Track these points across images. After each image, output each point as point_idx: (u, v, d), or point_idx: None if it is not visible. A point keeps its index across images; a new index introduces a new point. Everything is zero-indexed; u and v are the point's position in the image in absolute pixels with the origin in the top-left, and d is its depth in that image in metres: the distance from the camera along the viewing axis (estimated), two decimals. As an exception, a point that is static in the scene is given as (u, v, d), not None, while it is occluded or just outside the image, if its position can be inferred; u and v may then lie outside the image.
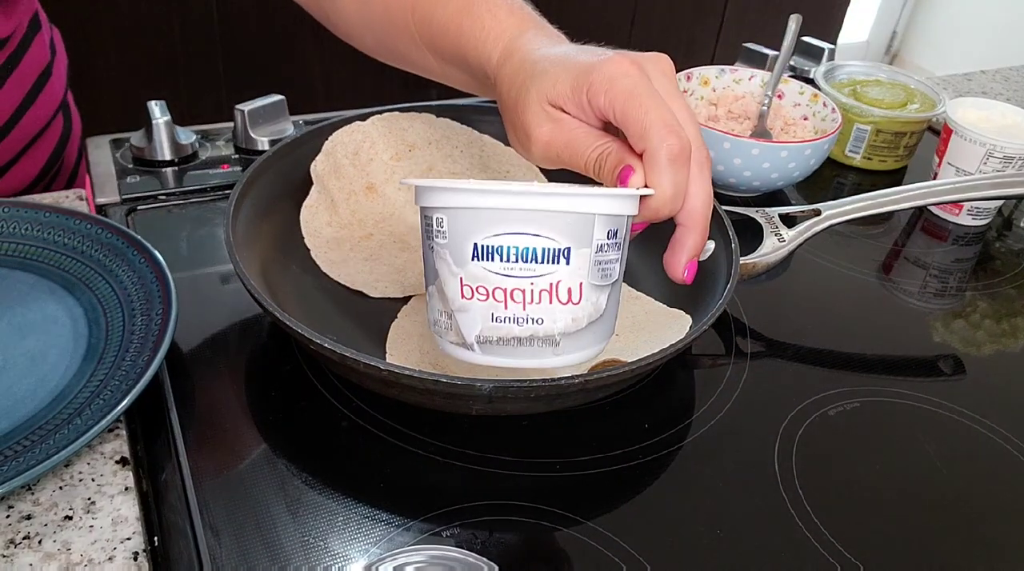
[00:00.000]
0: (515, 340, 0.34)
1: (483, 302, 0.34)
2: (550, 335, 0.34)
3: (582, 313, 0.35)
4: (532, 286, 0.33)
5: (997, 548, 0.43)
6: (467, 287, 0.34)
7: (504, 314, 0.34)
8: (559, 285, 0.34)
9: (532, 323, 0.34)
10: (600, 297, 0.35)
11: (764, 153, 0.64)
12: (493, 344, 0.35)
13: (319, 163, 0.57)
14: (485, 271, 0.33)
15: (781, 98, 0.75)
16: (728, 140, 0.64)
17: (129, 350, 0.46)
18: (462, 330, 0.35)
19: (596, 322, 0.35)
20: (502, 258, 0.33)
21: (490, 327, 0.34)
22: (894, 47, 2.86)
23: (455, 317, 0.35)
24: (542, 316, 0.34)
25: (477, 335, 0.35)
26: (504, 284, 0.33)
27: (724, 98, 0.75)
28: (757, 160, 0.65)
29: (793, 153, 0.65)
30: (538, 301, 0.34)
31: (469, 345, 0.35)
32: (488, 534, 0.41)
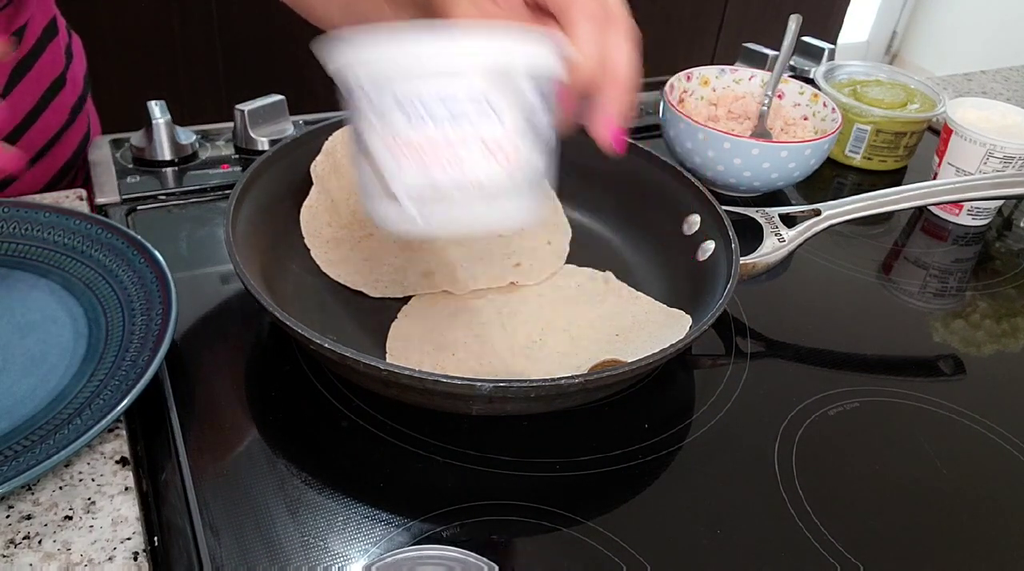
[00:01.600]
0: (449, 197, 0.33)
1: (411, 159, 0.32)
2: (483, 189, 0.33)
3: (515, 169, 0.33)
4: (461, 141, 0.32)
5: (997, 548, 0.44)
6: (394, 143, 0.32)
7: (433, 169, 0.32)
8: (486, 137, 0.32)
9: (462, 178, 0.33)
10: (533, 154, 0.34)
11: (764, 153, 0.65)
12: (426, 203, 0.33)
13: (319, 163, 0.57)
14: (408, 126, 0.31)
15: (781, 98, 0.75)
16: (728, 140, 0.64)
17: (129, 350, 0.46)
18: (393, 189, 0.33)
19: (528, 181, 0.35)
20: (425, 108, 0.31)
21: (421, 184, 0.33)
22: (894, 47, 2.86)
23: (385, 177, 0.33)
24: (473, 171, 0.33)
25: (409, 192, 0.33)
26: (430, 134, 0.32)
27: (724, 98, 0.75)
28: (757, 160, 0.65)
29: (793, 153, 0.65)
30: (466, 157, 0.32)
31: (401, 201, 0.33)
32: (488, 534, 0.41)
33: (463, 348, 0.50)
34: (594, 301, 0.55)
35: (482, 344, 0.50)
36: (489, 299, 0.55)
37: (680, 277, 0.56)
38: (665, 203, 0.59)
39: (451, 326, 0.52)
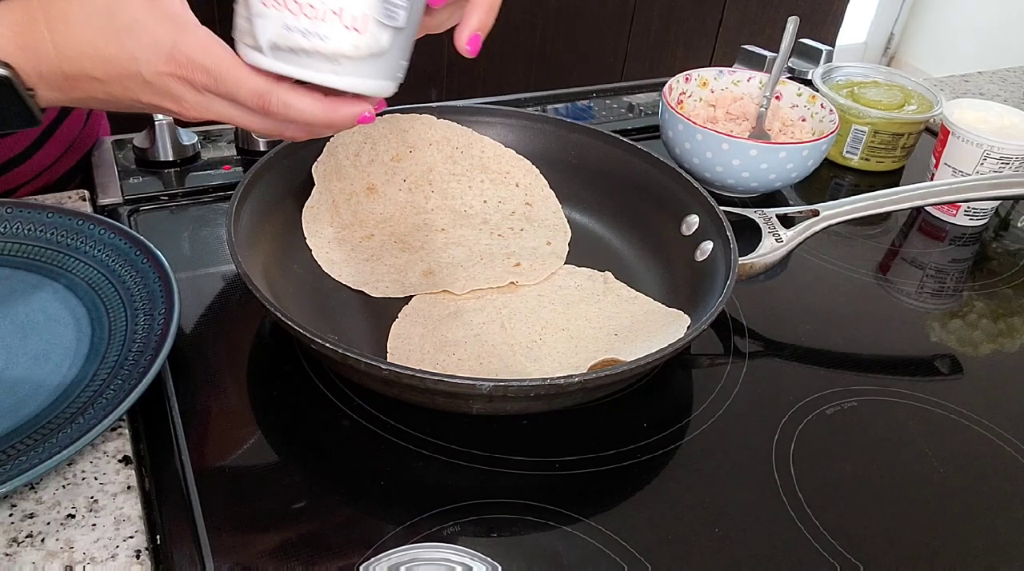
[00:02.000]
0: (302, 51, 0.38)
1: (277, 11, 0.37)
2: (332, 54, 0.38)
3: (362, 42, 0.38)
4: (322, 4, 0.37)
5: (996, 547, 0.44)
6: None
7: (294, 24, 0.38)
8: (344, 10, 0.37)
9: (316, 38, 0.38)
10: (382, 34, 0.39)
11: (762, 154, 0.65)
12: (282, 51, 0.38)
13: (320, 164, 0.58)
14: None
15: (779, 99, 0.76)
16: (726, 141, 0.65)
17: (132, 350, 0.46)
18: (256, 34, 0.38)
19: (378, 57, 0.39)
20: None
21: (282, 35, 0.38)
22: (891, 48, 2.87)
23: (253, 21, 0.38)
24: (326, 34, 0.38)
25: (269, 40, 0.38)
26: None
27: (723, 99, 0.76)
28: (755, 161, 0.65)
29: (791, 154, 0.65)
30: (323, 19, 0.37)
31: (262, 49, 0.38)
32: (488, 532, 0.41)
33: (463, 348, 0.50)
34: (593, 301, 0.55)
35: (482, 344, 0.51)
36: (489, 299, 0.55)
37: (679, 277, 0.56)
38: (664, 204, 0.59)
39: (451, 326, 0.52)
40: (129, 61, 0.40)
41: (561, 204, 0.63)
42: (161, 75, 0.40)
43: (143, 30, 0.39)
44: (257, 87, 0.40)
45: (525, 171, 0.63)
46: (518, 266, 0.57)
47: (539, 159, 0.63)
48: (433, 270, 0.56)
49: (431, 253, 0.58)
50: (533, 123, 0.64)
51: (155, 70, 0.39)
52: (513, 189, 0.63)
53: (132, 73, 0.40)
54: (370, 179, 0.60)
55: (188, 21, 0.40)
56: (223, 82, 0.39)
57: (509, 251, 0.58)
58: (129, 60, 0.40)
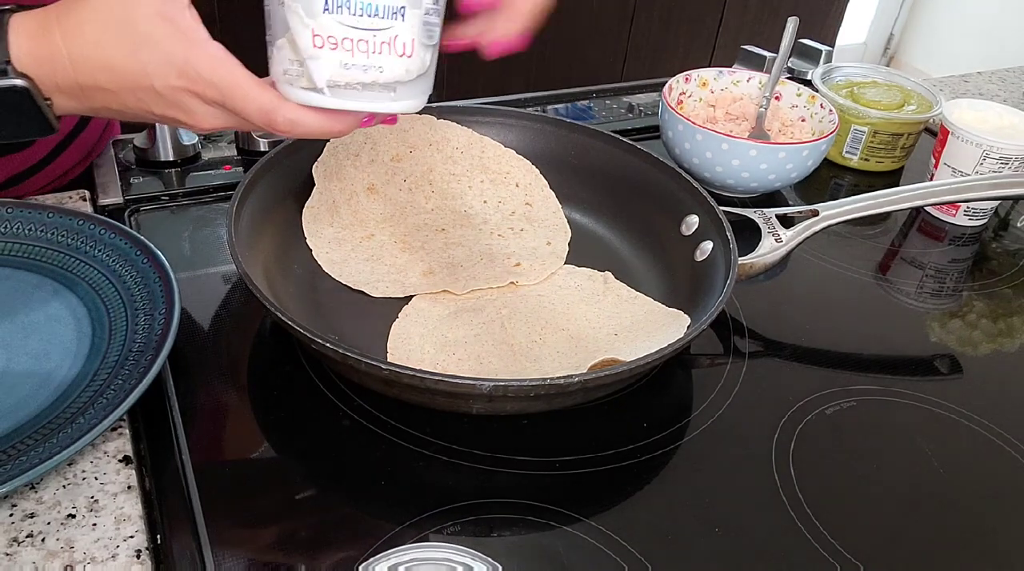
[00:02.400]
0: (360, 85, 0.40)
1: (333, 51, 0.39)
2: (389, 82, 0.40)
3: (413, 66, 0.40)
4: (375, 38, 0.39)
5: (995, 546, 0.44)
6: (318, 37, 0.38)
7: (351, 62, 0.39)
8: (396, 39, 0.39)
9: (374, 71, 0.39)
10: (426, 54, 0.41)
11: (762, 154, 0.65)
12: (341, 89, 0.40)
13: (321, 164, 0.58)
14: (335, 23, 0.38)
15: (779, 100, 0.76)
16: (726, 141, 0.65)
17: (132, 350, 0.46)
18: (313, 76, 0.39)
19: (423, 76, 0.41)
20: (350, 11, 0.38)
21: (339, 73, 0.39)
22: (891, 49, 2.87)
23: (307, 64, 0.39)
24: (382, 65, 0.39)
25: (328, 80, 0.39)
26: (351, 35, 0.38)
27: (722, 100, 0.76)
28: (755, 161, 0.65)
29: (791, 154, 0.65)
30: (379, 52, 0.39)
31: (320, 90, 0.40)
32: (488, 532, 0.41)
33: (463, 348, 0.50)
34: (593, 301, 0.55)
35: (482, 344, 0.51)
36: (489, 299, 0.55)
37: (679, 277, 0.56)
38: (664, 204, 0.59)
39: (451, 326, 0.52)
40: (142, 75, 0.40)
41: (561, 204, 0.63)
42: (173, 89, 0.41)
43: (156, 45, 0.40)
44: (264, 105, 0.41)
45: (525, 171, 0.63)
46: (518, 266, 0.57)
47: (539, 159, 0.63)
48: (433, 270, 0.57)
49: (431, 253, 0.58)
50: (533, 123, 0.64)
51: (167, 84, 0.40)
52: (513, 189, 0.63)
53: (145, 86, 0.41)
54: (370, 179, 0.60)
55: (200, 37, 0.40)
56: (231, 99, 0.40)
57: (509, 251, 0.58)
58: (142, 74, 0.40)
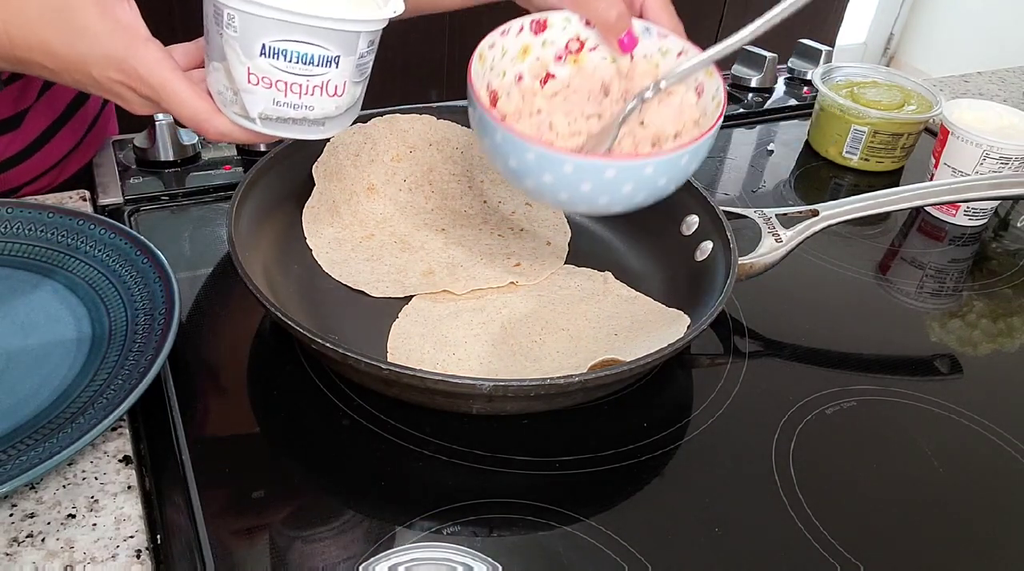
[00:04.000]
0: (291, 120, 0.42)
1: (267, 90, 0.41)
2: (318, 118, 0.43)
3: (343, 103, 0.43)
4: (308, 82, 0.41)
5: (995, 546, 0.44)
6: (253, 75, 0.40)
7: (284, 100, 0.41)
8: (328, 83, 0.41)
9: (305, 109, 0.42)
10: (356, 90, 0.44)
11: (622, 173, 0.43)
12: (272, 121, 0.42)
13: (321, 164, 0.58)
14: (271, 67, 0.40)
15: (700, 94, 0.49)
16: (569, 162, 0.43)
17: (132, 350, 0.46)
18: (247, 107, 0.42)
19: (352, 107, 0.44)
20: (286, 59, 0.40)
21: (271, 109, 0.42)
22: (891, 49, 2.87)
23: (240, 96, 0.41)
24: (313, 105, 0.42)
25: (260, 113, 0.42)
26: (285, 79, 0.41)
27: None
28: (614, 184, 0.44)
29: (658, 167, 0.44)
30: (311, 94, 0.41)
31: (252, 119, 0.42)
32: (488, 532, 0.41)
33: (463, 348, 0.50)
34: (593, 301, 0.55)
35: (482, 344, 0.51)
36: (489, 299, 0.55)
37: (678, 277, 0.56)
38: (664, 203, 0.59)
39: (451, 326, 0.52)
40: (80, 62, 0.42)
41: (561, 204, 0.63)
42: (110, 80, 0.42)
43: (95, 39, 0.41)
44: (197, 114, 0.42)
45: (525, 171, 0.63)
46: (518, 266, 0.57)
47: (539, 159, 0.63)
48: (433, 270, 0.57)
49: (431, 253, 0.58)
50: (533, 123, 0.64)
51: (105, 75, 0.42)
52: (513, 189, 0.63)
53: (83, 72, 0.42)
54: (370, 179, 0.60)
55: (139, 34, 0.41)
56: (166, 101, 0.42)
57: (509, 251, 0.58)
58: (80, 62, 0.42)
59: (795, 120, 0.87)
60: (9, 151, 0.63)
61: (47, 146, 0.66)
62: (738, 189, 0.74)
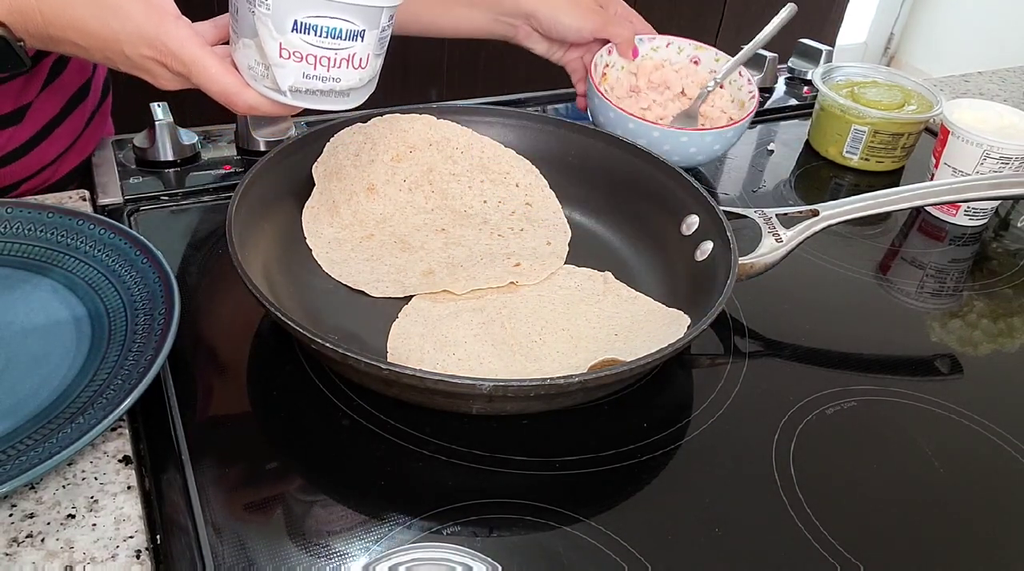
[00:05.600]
0: (319, 92, 0.45)
1: (297, 63, 0.43)
2: (344, 90, 0.46)
3: (367, 75, 0.46)
4: (336, 55, 0.44)
5: (995, 546, 0.44)
6: (285, 50, 0.43)
7: (313, 73, 0.44)
8: (354, 56, 0.44)
9: (332, 81, 0.45)
10: (377, 62, 0.46)
11: (691, 139, 0.67)
12: (301, 93, 0.45)
13: (320, 164, 0.58)
14: (302, 41, 0.43)
15: (697, 64, 0.76)
16: (656, 130, 0.66)
17: (132, 350, 0.46)
18: (278, 80, 0.44)
19: (373, 79, 0.47)
20: (316, 34, 0.42)
21: (301, 82, 0.44)
22: (891, 48, 2.87)
23: (272, 70, 0.44)
24: (340, 77, 0.45)
25: (289, 86, 0.44)
26: (315, 52, 0.43)
27: (644, 68, 0.76)
28: (685, 145, 0.67)
29: (716, 136, 0.67)
30: (338, 66, 0.44)
31: (282, 91, 0.45)
32: (488, 532, 0.41)
33: (463, 348, 0.50)
34: (593, 301, 0.55)
35: (482, 344, 0.51)
36: (489, 299, 0.55)
37: (679, 277, 0.56)
38: (664, 203, 0.59)
39: (451, 326, 0.52)
40: (112, 40, 0.43)
41: (561, 204, 0.63)
42: (142, 57, 0.44)
43: (127, 16, 0.43)
44: (227, 88, 0.44)
45: (525, 171, 0.63)
46: (518, 266, 0.57)
47: (539, 159, 0.63)
48: (433, 270, 0.56)
49: (431, 253, 0.58)
50: (533, 123, 0.64)
51: (137, 52, 0.43)
52: (513, 189, 0.63)
53: (115, 50, 0.44)
54: (370, 179, 0.60)
55: (169, 12, 0.43)
56: (197, 75, 0.44)
57: (509, 251, 0.58)
58: (112, 39, 0.43)
59: (795, 120, 0.87)
60: (10, 146, 0.63)
61: (46, 141, 0.66)
62: (738, 189, 0.74)
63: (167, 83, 0.45)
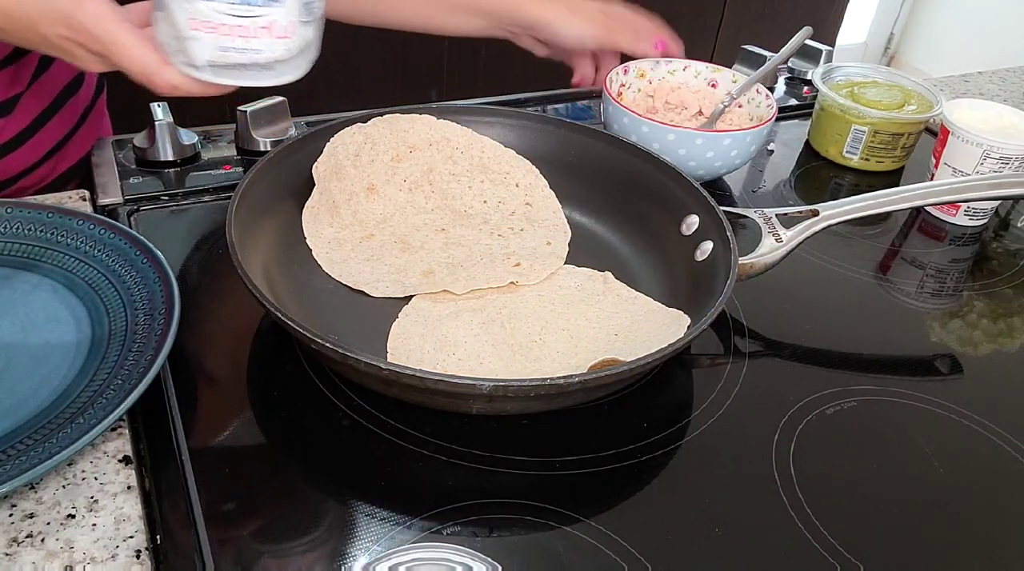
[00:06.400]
0: (239, 66, 0.41)
1: (210, 34, 0.40)
2: (267, 62, 0.42)
3: (294, 45, 0.42)
4: (253, 23, 0.40)
5: (995, 546, 0.44)
6: (194, 20, 0.39)
7: (229, 45, 0.40)
8: (274, 24, 0.40)
9: (252, 53, 0.41)
10: (307, 31, 0.42)
11: (708, 142, 0.66)
12: (221, 68, 0.41)
13: (320, 164, 0.58)
14: (211, 10, 0.39)
15: (715, 87, 0.76)
16: (672, 131, 0.66)
17: (132, 350, 0.46)
18: (192, 55, 0.40)
19: (306, 50, 0.43)
20: (230, 5, 0.39)
21: (218, 55, 0.40)
22: (891, 48, 2.87)
23: (185, 44, 0.40)
24: (260, 48, 0.41)
25: (206, 60, 0.41)
26: (227, 21, 0.39)
27: (660, 89, 0.76)
28: (701, 149, 0.67)
29: (736, 141, 0.67)
30: (257, 36, 0.40)
31: (200, 67, 0.41)
32: (488, 532, 0.41)
33: (463, 348, 0.50)
34: (593, 301, 0.55)
35: (482, 344, 0.51)
36: (489, 299, 0.55)
37: (679, 277, 0.56)
38: (664, 203, 0.59)
39: (451, 326, 0.52)
40: (29, 22, 0.42)
41: (561, 204, 0.63)
42: (60, 37, 0.42)
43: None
44: (146, 67, 0.42)
45: (525, 171, 0.63)
46: (518, 266, 0.57)
47: (539, 159, 0.63)
48: (433, 270, 0.56)
49: (431, 253, 0.58)
50: (533, 123, 0.64)
51: (55, 32, 0.42)
52: (513, 189, 0.63)
53: (32, 31, 0.43)
54: (370, 179, 0.60)
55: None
56: (115, 55, 0.42)
57: (509, 251, 0.58)
58: (29, 21, 0.42)
59: (795, 120, 0.87)
60: (2, 138, 0.63)
61: (40, 133, 0.66)
62: (738, 189, 0.74)
63: (89, 64, 0.43)
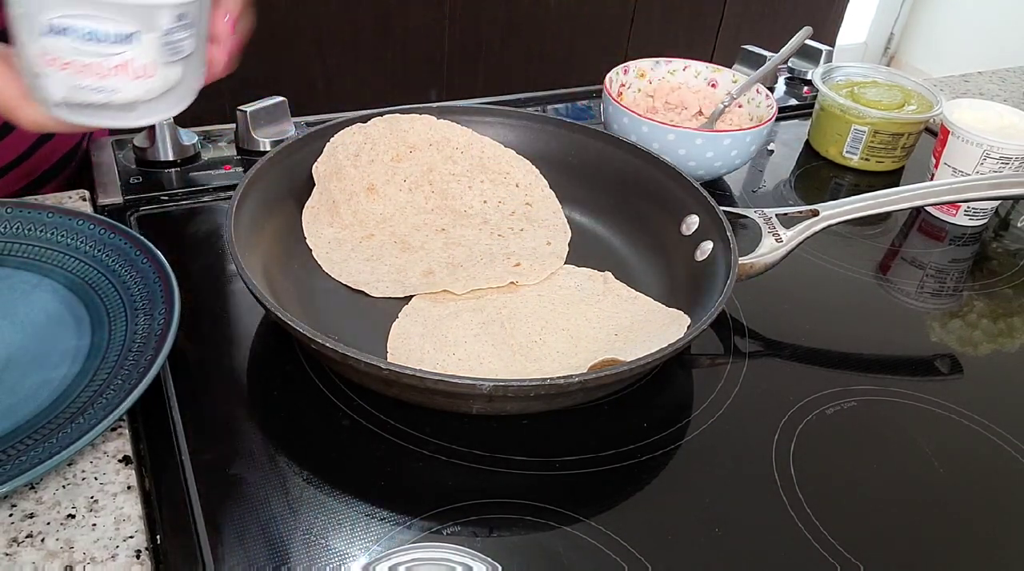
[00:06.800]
0: (94, 105, 0.39)
1: (62, 72, 0.38)
2: (126, 102, 0.39)
3: (155, 85, 0.39)
4: (106, 62, 0.38)
5: (995, 546, 0.44)
6: (44, 57, 0.37)
7: (84, 84, 0.38)
8: (130, 63, 0.38)
9: (108, 93, 0.39)
10: (171, 70, 0.40)
11: (707, 142, 0.66)
12: (76, 107, 0.39)
13: (320, 164, 0.58)
14: (59, 46, 0.37)
15: (715, 87, 0.76)
16: (672, 131, 0.66)
17: (132, 350, 0.46)
18: (46, 93, 0.38)
19: (172, 90, 0.41)
20: (76, 37, 0.37)
21: (73, 94, 0.38)
22: (891, 48, 2.87)
23: (37, 81, 0.38)
24: (117, 87, 0.39)
25: (61, 99, 0.38)
26: (79, 59, 0.37)
27: (660, 89, 0.76)
28: (701, 149, 0.66)
29: (736, 141, 0.66)
30: (112, 75, 0.38)
31: (56, 105, 0.39)
32: (488, 532, 0.41)
33: (463, 348, 0.50)
34: (593, 301, 0.55)
35: (482, 344, 0.51)
36: (489, 299, 0.55)
37: (679, 277, 0.56)
38: (664, 203, 0.59)
39: (451, 326, 0.52)
40: None
41: (561, 204, 0.63)
42: None
43: None
44: (8, 102, 0.40)
45: (525, 171, 0.63)
46: (518, 266, 0.57)
47: (539, 159, 0.63)
48: (433, 270, 0.56)
49: (431, 253, 0.58)
50: (533, 123, 0.64)
51: None
52: (513, 189, 0.63)
53: None
54: (370, 179, 0.60)
55: None
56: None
57: (509, 251, 0.58)
58: None
59: (795, 120, 0.87)
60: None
61: (16, 131, 0.65)
62: (738, 189, 0.74)
63: None
